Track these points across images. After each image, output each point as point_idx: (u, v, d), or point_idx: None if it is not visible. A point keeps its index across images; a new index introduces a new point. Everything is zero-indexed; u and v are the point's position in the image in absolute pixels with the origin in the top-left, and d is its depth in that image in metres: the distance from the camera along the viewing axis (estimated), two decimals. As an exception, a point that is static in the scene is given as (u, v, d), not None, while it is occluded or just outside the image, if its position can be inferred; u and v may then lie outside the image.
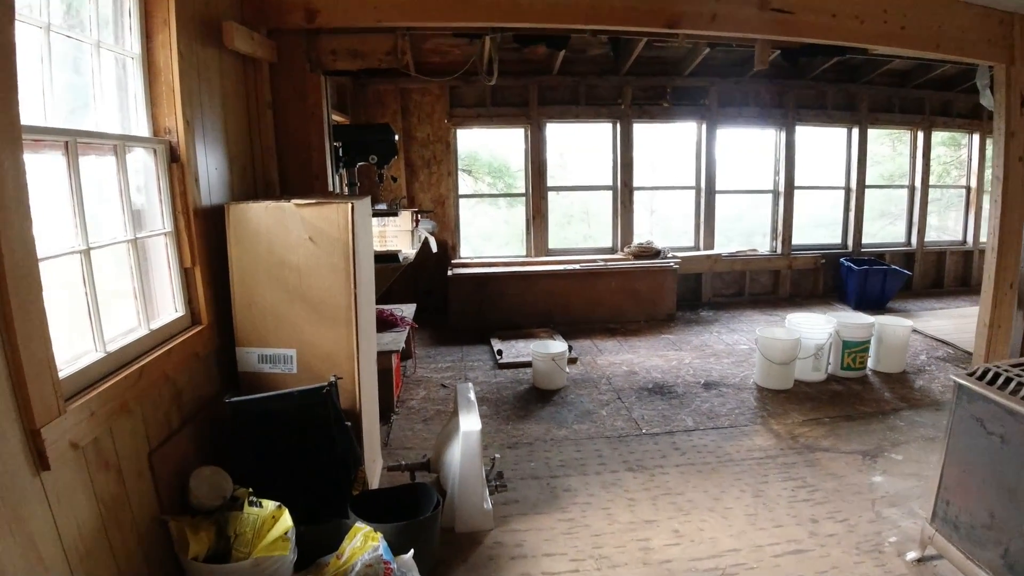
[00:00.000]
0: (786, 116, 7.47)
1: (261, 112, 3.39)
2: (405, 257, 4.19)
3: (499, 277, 6.46)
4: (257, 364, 2.75)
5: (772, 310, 7.37)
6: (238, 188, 3.10)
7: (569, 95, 6.98)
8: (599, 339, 6.23)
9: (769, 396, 4.81)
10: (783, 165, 7.56)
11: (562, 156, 8.56)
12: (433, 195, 6.99)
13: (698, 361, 5.56)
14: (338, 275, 2.63)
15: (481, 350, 5.93)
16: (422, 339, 6.32)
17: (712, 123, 7.22)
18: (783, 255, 7.68)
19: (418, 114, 6.86)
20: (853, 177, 7.95)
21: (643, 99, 7.10)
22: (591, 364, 5.47)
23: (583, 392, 4.84)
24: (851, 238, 8.06)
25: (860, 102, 7.79)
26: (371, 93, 6.79)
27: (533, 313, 6.54)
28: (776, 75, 7.38)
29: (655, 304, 6.75)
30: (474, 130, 7.17)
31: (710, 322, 6.86)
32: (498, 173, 8.66)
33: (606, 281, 6.60)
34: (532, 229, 7.13)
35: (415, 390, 4.94)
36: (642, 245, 6.90)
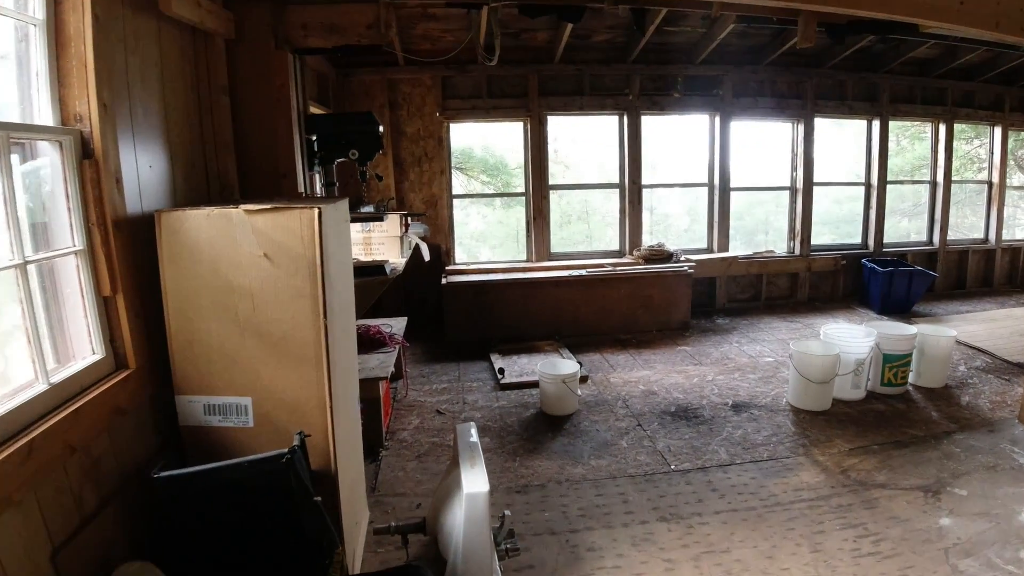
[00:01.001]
0: (804, 107, 6.94)
1: (215, 98, 2.79)
2: (393, 269, 3.61)
3: (498, 285, 5.88)
4: (203, 416, 2.16)
5: (792, 316, 6.84)
6: (183, 191, 2.50)
7: (572, 85, 6.41)
8: (610, 352, 5.66)
9: (807, 419, 4.27)
10: (801, 160, 7.02)
11: (565, 151, 7.99)
12: (424, 195, 6.40)
13: (722, 377, 5.01)
14: (302, 302, 2.04)
15: (480, 367, 5.35)
16: (415, 355, 5.73)
17: (726, 115, 6.67)
18: (802, 256, 7.15)
19: (408, 107, 6.26)
20: (874, 172, 7.43)
21: (652, 89, 6.54)
22: (604, 383, 4.90)
23: (598, 418, 4.27)
24: (872, 237, 7.54)
25: (881, 92, 7.27)
26: (356, 84, 6.19)
27: (536, 324, 5.97)
28: (794, 63, 6.85)
29: (669, 312, 6.20)
30: (469, 124, 6.58)
31: (728, 331, 6.31)
32: (495, 171, 8.07)
33: (615, 288, 6.04)
34: (533, 231, 6.56)
35: (407, 417, 4.36)
36: (653, 248, 6.34)
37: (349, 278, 2.63)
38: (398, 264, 3.87)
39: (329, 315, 2.10)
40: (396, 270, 3.66)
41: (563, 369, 4.37)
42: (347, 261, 2.62)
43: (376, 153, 3.48)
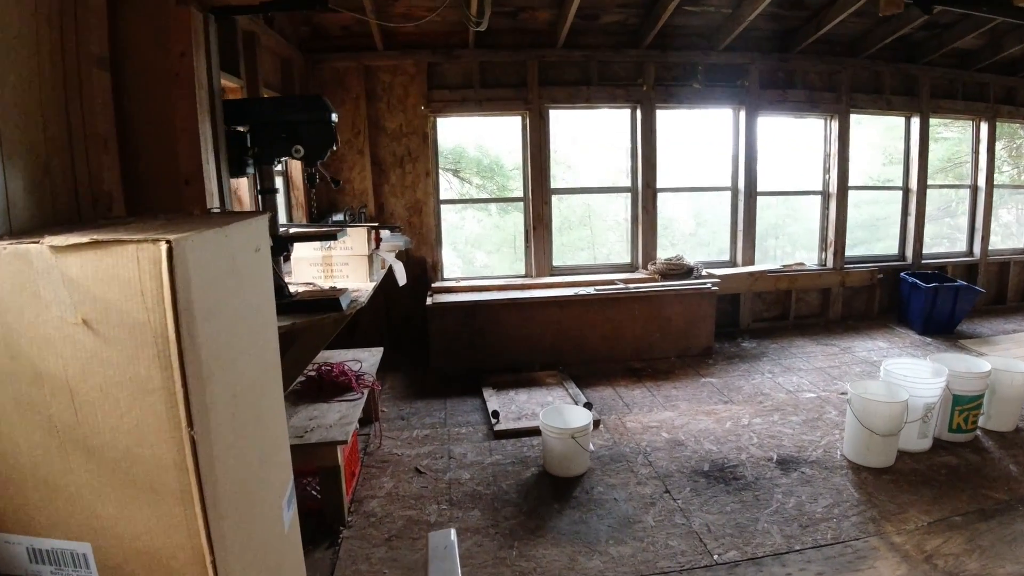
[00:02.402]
0: (839, 101, 6.13)
1: (86, 73, 1.95)
2: (354, 300, 2.77)
3: (492, 305, 5.05)
4: (29, 566, 1.32)
5: (825, 338, 6.03)
6: (28, 206, 1.66)
7: (578, 74, 5.58)
8: (623, 385, 4.83)
9: (870, 480, 3.46)
10: (835, 160, 6.21)
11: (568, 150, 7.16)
12: (408, 201, 5.56)
13: (759, 421, 4.19)
14: (150, 400, 1.21)
15: (471, 405, 4.51)
16: (394, 388, 4.90)
17: (752, 108, 5.85)
18: (835, 269, 6.34)
19: (388, 98, 5.42)
20: (913, 175, 6.63)
21: (669, 79, 5.72)
22: (619, 429, 4.07)
23: (615, 480, 3.44)
24: (911, 248, 6.74)
25: (921, 86, 6.47)
26: (327, 72, 5.35)
27: (536, 351, 5.14)
28: (827, 52, 6.05)
29: (689, 336, 5.38)
30: (459, 118, 5.73)
31: (756, 357, 5.49)
32: (489, 173, 7.22)
33: (628, 309, 5.21)
34: (532, 241, 5.72)
35: (379, 478, 3.52)
36: (671, 262, 5.51)
37: (266, 333, 1.79)
38: (363, 292, 3.03)
39: (206, 416, 1.26)
40: (358, 301, 2.81)
41: (572, 420, 3.54)
42: (264, 307, 1.78)
43: (329, 149, 2.64)
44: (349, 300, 2.75)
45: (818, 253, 6.50)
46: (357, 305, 2.79)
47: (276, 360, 1.90)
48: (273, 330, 1.89)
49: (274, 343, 1.90)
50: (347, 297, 2.74)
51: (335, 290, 2.81)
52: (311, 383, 3.62)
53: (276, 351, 1.90)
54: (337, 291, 2.77)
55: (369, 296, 3.07)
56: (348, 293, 2.79)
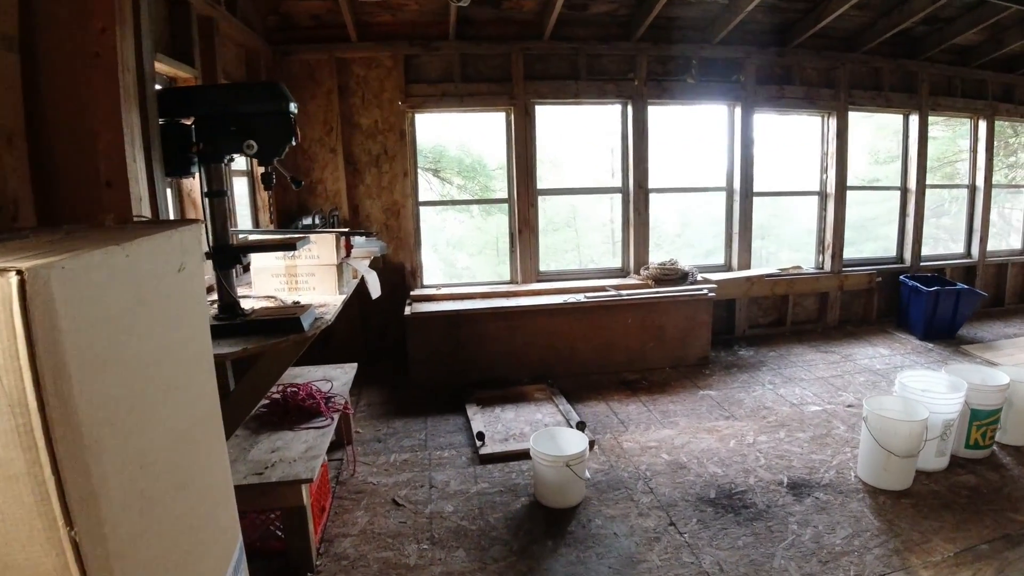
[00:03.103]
0: (837, 98, 5.88)
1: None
2: (319, 318, 2.41)
3: (476, 315, 4.70)
4: None
5: (824, 345, 5.78)
6: None
7: (565, 67, 5.25)
8: (617, 400, 4.52)
9: (888, 505, 3.18)
10: (833, 159, 5.97)
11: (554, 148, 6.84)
12: (385, 203, 5.19)
13: (765, 439, 3.90)
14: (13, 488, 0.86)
15: (453, 424, 4.17)
16: (371, 405, 4.54)
17: (748, 105, 5.57)
18: (833, 273, 6.09)
19: (362, 93, 5.05)
20: (912, 175, 6.42)
21: (661, 73, 5.41)
22: (616, 450, 3.75)
23: (613, 511, 3.11)
24: (909, 250, 6.52)
25: (920, 83, 6.25)
26: (297, 65, 4.97)
27: (524, 363, 4.81)
28: (825, 46, 5.80)
29: (685, 345, 5.08)
30: (439, 114, 5.37)
31: (754, 366, 5.21)
32: (471, 172, 6.87)
33: (621, 317, 4.89)
34: (518, 245, 5.38)
35: (352, 511, 3.16)
36: (664, 266, 5.21)
37: (197, 373, 1.43)
38: (330, 307, 2.67)
39: (94, 505, 0.91)
40: (324, 319, 2.46)
41: (565, 445, 3.21)
42: (194, 340, 1.42)
43: (287, 144, 2.28)
44: (312, 318, 2.39)
45: (815, 256, 6.25)
46: (322, 324, 2.43)
47: (213, 404, 1.54)
48: (207, 367, 1.54)
49: (210, 384, 1.54)
50: (310, 315, 2.38)
51: (296, 307, 2.45)
52: (275, 407, 3.25)
53: (213, 393, 1.55)
54: (299, 308, 2.41)
55: (337, 312, 2.71)
56: (312, 310, 2.43)
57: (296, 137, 2.27)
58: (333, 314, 2.59)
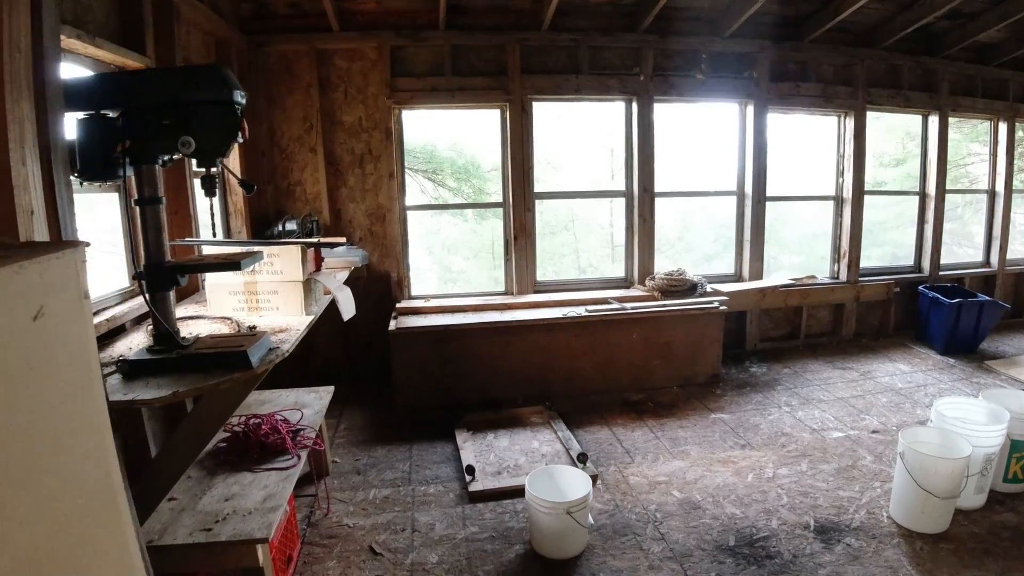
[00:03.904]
0: (855, 96, 5.51)
1: None
2: (274, 349, 2.01)
3: (468, 330, 4.30)
4: None
5: (841, 360, 5.40)
6: None
7: (565, 60, 4.86)
8: (620, 424, 4.13)
9: (926, 550, 2.82)
10: (850, 162, 5.59)
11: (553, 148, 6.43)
12: (369, 206, 4.79)
13: (785, 472, 3.51)
14: None
15: (441, 453, 3.77)
16: (351, 430, 4.13)
17: (761, 103, 5.19)
18: (849, 283, 5.71)
19: (345, 88, 4.65)
20: (931, 179, 6.05)
21: (669, 68, 5.02)
22: (621, 486, 3.36)
23: (621, 563, 2.72)
24: (928, 259, 6.15)
25: (940, 81, 5.89)
26: (273, 57, 4.56)
27: (519, 382, 4.42)
28: (842, 41, 5.42)
29: (694, 362, 4.70)
30: (428, 111, 4.97)
31: (768, 385, 4.83)
32: (464, 174, 6.47)
33: (625, 332, 4.51)
34: (513, 253, 4.98)
35: (324, 561, 2.76)
36: (671, 276, 4.82)
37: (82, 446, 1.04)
38: (291, 332, 2.27)
39: None
40: (280, 350, 2.06)
41: (567, 487, 2.82)
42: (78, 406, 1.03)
43: (232, 141, 1.89)
44: (265, 350, 1.99)
45: (830, 264, 5.87)
46: (277, 356, 2.03)
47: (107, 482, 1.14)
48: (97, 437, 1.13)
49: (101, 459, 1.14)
50: (262, 346, 1.98)
51: (245, 336, 2.05)
52: (234, 442, 2.84)
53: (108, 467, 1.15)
54: (248, 337, 2.01)
55: (300, 337, 2.32)
56: (265, 340, 2.03)
57: (244, 132, 1.88)
58: (293, 342, 2.19)
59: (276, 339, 2.20)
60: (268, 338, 2.06)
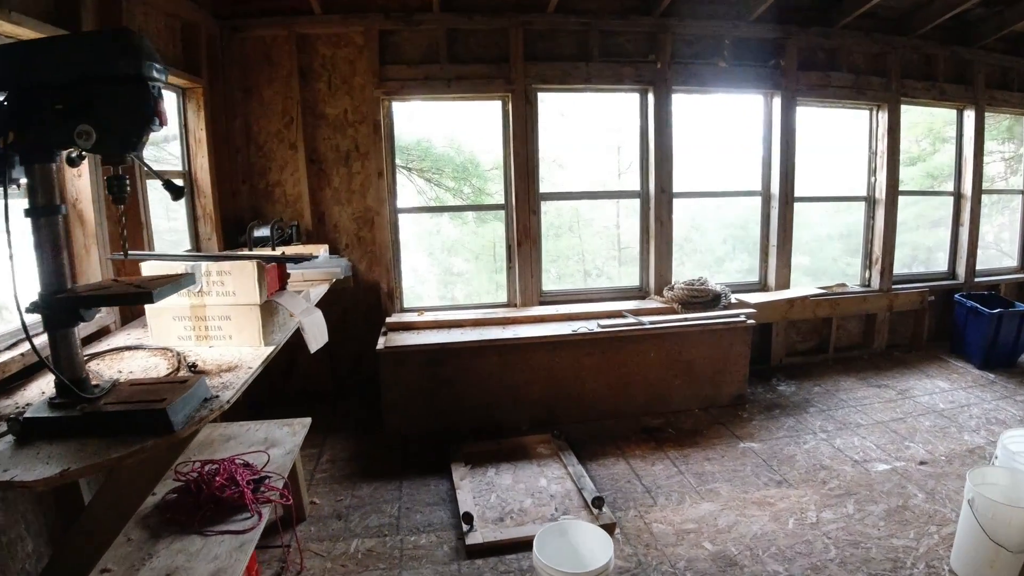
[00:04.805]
0: (888, 88, 5.04)
1: None
2: (209, 400, 1.54)
3: (466, 349, 3.83)
4: None
5: (874, 376, 4.94)
6: None
7: (574, 47, 4.38)
8: (638, 455, 3.66)
9: (1010, 621, 2.33)
10: (884, 159, 5.12)
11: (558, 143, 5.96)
12: (355, 209, 4.32)
13: (829, 514, 3.05)
14: None
15: (435, 492, 3.30)
16: (335, 462, 3.67)
17: (789, 94, 4.72)
18: (882, 291, 5.24)
19: (329, 77, 4.18)
20: (967, 178, 5.58)
21: (688, 56, 4.55)
22: (642, 536, 2.89)
23: (649, 644, 2.26)
24: (963, 264, 5.68)
25: (975, 74, 5.43)
26: (250, 44, 4.10)
27: (523, 406, 3.95)
28: (874, 27, 4.95)
29: (717, 382, 4.23)
30: (422, 102, 4.49)
31: (798, 407, 4.36)
32: (463, 173, 5.99)
33: (642, 349, 4.04)
34: (516, 260, 4.51)
35: (289, 638, 2.29)
36: (692, 286, 4.36)
37: None
38: (240, 371, 1.81)
39: None
40: (218, 401, 1.59)
41: (583, 549, 2.35)
42: None
43: (146, 130, 1.42)
44: (196, 404, 1.52)
45: (860, 271, 5.40)
46: (214, 409, 1.57)
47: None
48: None
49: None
50: (191, 399, 1.51)
51: (173, 384, 1.58)
52: (185, 495, 2.37)
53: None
54: (175, 386, 1.54)
55: (251, 379, 1.85)
56: (197, 389, 1.56)
57: (161, 119, 1.40)
58: (239, 387, 1.72)
59: (218, 383, 1.74)
60: (203, 384, 1.59)
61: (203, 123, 3.80)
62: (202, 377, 1.66)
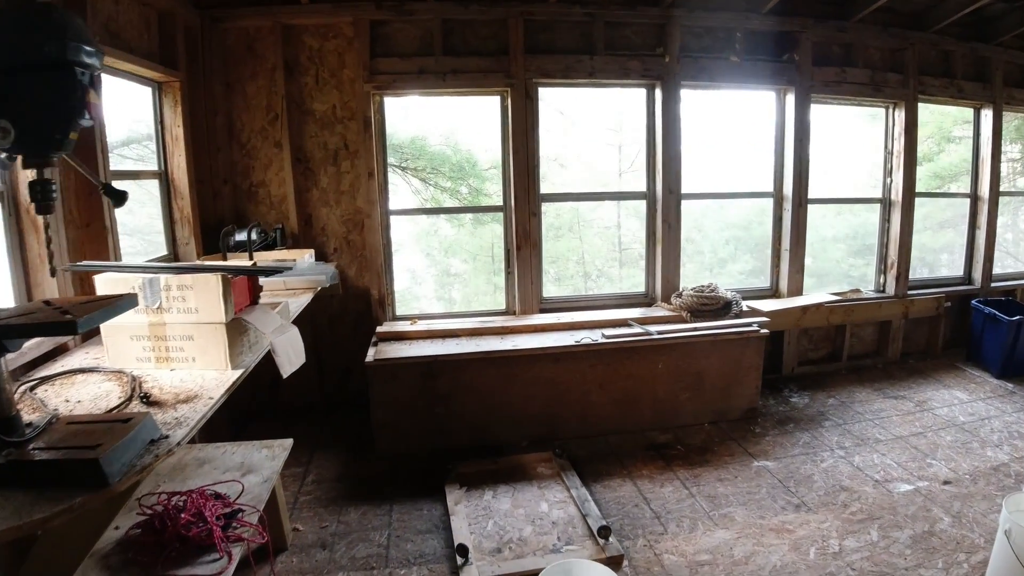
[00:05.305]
0: (906, 84, 4.81)
1: None
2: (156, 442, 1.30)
3: (462, 361, 3.59)
4: None
5: (890, 386, 4.73)
6: None
7: (577, 39, 4.13)
8: (646, 475, 3.43)
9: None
10: (901, 160, 4.89)
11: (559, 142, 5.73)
12: (345, 211, 4.07)
13: (853, 542, 2.82)
14: None
15: (428, 517, 3.06)
16: (321, 484, 3.42)
17: (803, 90, 4.48)
18: (897, 298, 5.02)
19: (316, 71, 3.93)
20: (984, 180, 5.35)
21: (698, 49, 4.31)
22: (653, 570, 2.65)
23: None
24: (979, 269, 5.45)
25: (993, 71, 5.21)
26: (233, 36, 3.85)
27: (522, 421, 3.72)
28: (891, 22, 4.72)
29: (728, 394, 4.00)
30: (416, 97, 4.25)
31: (813, 420, 4.13)
32: (459, 172, 5.74)
33: (649, 361, 3.81)
34: (516, 265, 4.27)
35: None
36: (702, 293, 4.12)
37: None
38: (198, 403, 1.57)
39: None
40: (167, 443, 1.35)
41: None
42: None
43: (73, 128, 1.17)
44: (138, 448, 1.28)
45: (875, 276, 5.17)
46: (161, 452, 1.32)
47: None
48: None
49: None
50: (132, 443, 1.27)
51: (112, 425, 1.34)
52: (148, 531, 2.13)
53: None
54: (115, 428, 1.30)
55: (215, 408, 1.61)
56: (143, 429, 1.32)
57: (89, 111, 1.16)
58: (196, 422, 1.48)
59: (171, 418, 1.49)
60: (150, 424, 1.35)
61: (180, 119, 3.55)
62: (148, 415, 1.41)
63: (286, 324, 2.10)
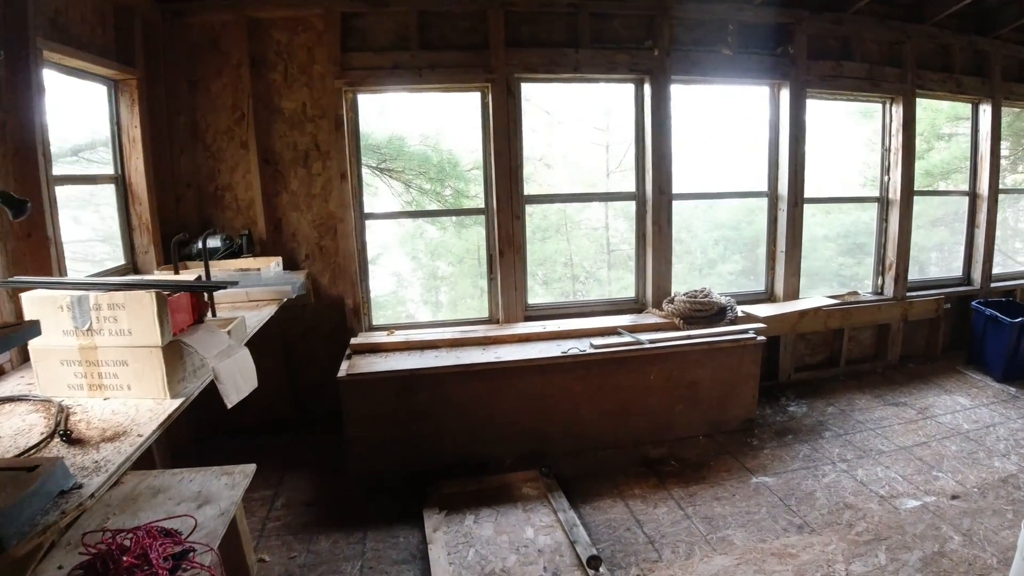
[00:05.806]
0: (904, 79, 4.64)
1: None
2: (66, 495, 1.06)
3: (442, 375, 3.37)
4: None
5: (889, 392, 4.56)
6: None
7: (562, 32, 3.93)
8: (638, 495, 3.22)
9: None
10: (899, 156, 4.72)
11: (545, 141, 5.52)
12: (316, 216, 3.84)
13: (860, 567, 2.63)
14: None
15: (404, 546, 2.84)
16: (291, 508, 3.20)
17: (799, 85, 4.30)
18: (896, 300, 4.85)
19: (285, 67, 3.70)
20: (983, 177, 5.20)
21: (689, 42, 4.11)
22: (648, 604, 2.45)
23: None
24: (978, 269, 5.30)
25: (992, 65, 5.06)
26: (196, 31, 3.61)
27: (507, 438, 3.50)
28: (889, 14, 4.55)
29: (723, 405, 3.81)
30: (391, 94, 4.03)
31: (813, 430, 3.95)
32: (440, 174, 5.52)
33: (641, 371, 3.60)
34: (499, 271, 4.06)
35: None
36: (695, 298, 3.93)
37: None
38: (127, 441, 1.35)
39: None
40: (77, 497, 1.13)
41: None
42: None
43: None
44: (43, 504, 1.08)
45: (873, 278, 5.01)
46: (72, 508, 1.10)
47: None
48: None
49: None
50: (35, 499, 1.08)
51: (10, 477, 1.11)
52: (91, 571, 1.90)
53: None
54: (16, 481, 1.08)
55: (145, 446, 1.38)
56: (46, 482, 1.11)
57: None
58: (119, 466, 1.27)
59: (91, 461, 1.27)
60: (61, 471, 1.13)
61: (138, 120, 3.32)
62: (60, 461, 1.19)
63: (234, 345, 1.87)
